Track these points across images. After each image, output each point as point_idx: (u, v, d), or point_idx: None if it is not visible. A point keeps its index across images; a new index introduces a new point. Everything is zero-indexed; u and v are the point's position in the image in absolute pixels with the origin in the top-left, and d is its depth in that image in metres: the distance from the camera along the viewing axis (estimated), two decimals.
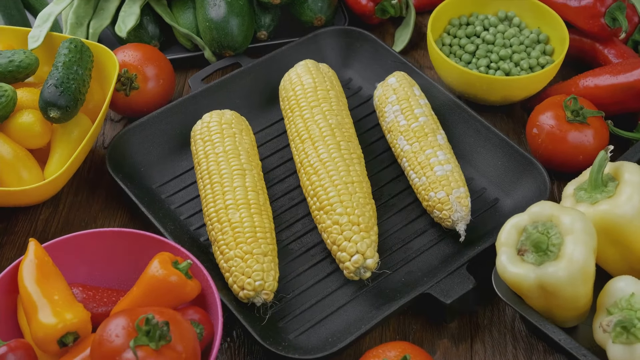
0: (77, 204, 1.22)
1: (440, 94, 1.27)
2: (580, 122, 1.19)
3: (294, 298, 1.10)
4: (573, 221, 0.96)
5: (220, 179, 1.13)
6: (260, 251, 1.06)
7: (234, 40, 1.34)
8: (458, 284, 1.05)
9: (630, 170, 1.02)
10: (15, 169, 1.13)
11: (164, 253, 1.00)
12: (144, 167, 1.24)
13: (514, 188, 1.19)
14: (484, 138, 1.22)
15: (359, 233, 1.08)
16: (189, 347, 0.90)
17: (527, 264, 0.97)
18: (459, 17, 1.37)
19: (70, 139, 1.17)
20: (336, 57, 1.37)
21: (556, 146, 1.19)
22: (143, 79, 1.28)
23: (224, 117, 1.20)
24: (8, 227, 1.20)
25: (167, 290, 0.98)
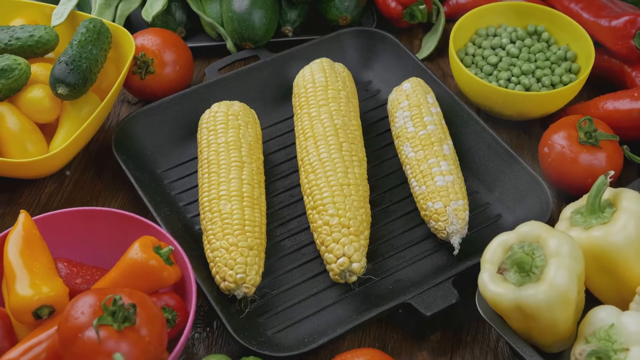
0: (82, 181, 1.25)
1: (455, 103, 1.26)
2: (592, 145, 1.16)
3: (279, 295, 1.10)
4: (559, 245, 0.94)
5: (217, 169, 1.14)
6: (246, 244, 1.07)
7: (254, 32, 1.34)
8: (441, 297, 1.04)
9: (629, 198, 0.99)
10: (21, 141, 1.16)
11: (147, 237, 1.02)
12: (151, 151, 1.25)
13: (518, 206, 1.17)
14: (494, 152, 1.21)
15: (348, 236, 1.07)
16: (155, 332, 0.91)
17: (509, 283, 0.95)
18: (487, 28, 1.35)
19: (79, 117, 1.19)
20: (357, 58, 1.37)
21: (565, 167, 1.16)
22: (160, 64, 1.29)
23: (231, 108, 1.21)
24: (12, 198, 1.23)
25: (144, 273, 0.99)
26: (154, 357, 0.91)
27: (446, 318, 1.05)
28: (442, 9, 1.46)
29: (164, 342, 0.93)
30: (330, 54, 1.34)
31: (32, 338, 0.95)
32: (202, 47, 1.42)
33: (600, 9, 1.31)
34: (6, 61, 1.16)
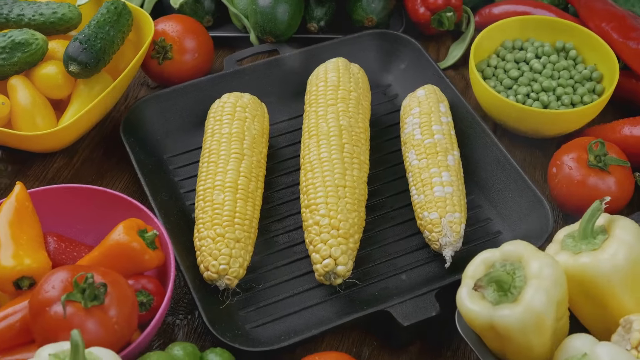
0: (90, 159, 1.28)
1: (469, 115, 1.24)
2: (600, 169, 1.13)
3: (264, 290, 1.10)
4: (541, 267, 0.92)
5: (217, 158, 1.15)
6: (234, 236, 1.07)
7: (276, 27, 1.35)
8: (421, 308, 1.03)
9: (623, 226, 0.97)
10: (31, 115, 1.19)
11: (134, 219, 1.03)
12: (160, 136, 1.27)
13: (519, 224, 1.15)
14: (502, 168, 1.19)
15: (337, 238, 1.07)
16: (123, 313, 0.92)
17: (486, 301, 0.93)
18: (514, 41, 1.33)
19: (90, 95, 1.22)
20: (379, 61, 1.36)
21: (571, 189, 1.14)
22: (178, 51, 1.31)
23: (240, 100, 1.22)
24: (22, 169, 1.26)
25: (125, 255, 1.01)
26: (121, 337, 0.92)
27: (426, 330, 1.04)
28: (473, 18, 1.44)
29: (133, 324, 0.94)
30: (351, 55, 1.34)
31: (9, 307, 0.97)
32: (227, 37, 1.44)
33: (630, 30, 1.28)
34: (24, 35, 1.19)
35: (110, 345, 0.90)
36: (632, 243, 0.95)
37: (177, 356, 0.92)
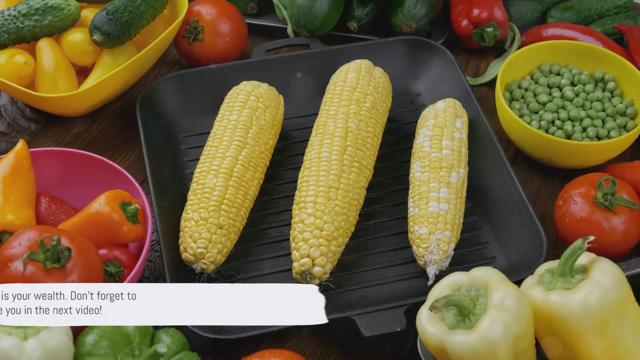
0: (108, 128, 1.31)
1: (487, 134, 1.22)
2: (606, 208, 1.09)
3: (242, 280, 1.11)
4: (504, 298, 0.90)
5: (219, 144, 1.17)
6: (217, 222, 1.09)
7: (310, 22, 1.36)
8: (387, 321, 1.02)
9: (603, 269, 0.93)
10: (54, 78, 1.24)
11: (119, 191, 1.06)
12: (178, 114, 1.30)
13: (514, 252, 1.13)
14: (508, 193, 1.16)
15: (318, 238, 1.07)
16: (84, 279, 0.95)
17: (443, 324, 0.92)
18: (552, 65, 1.30)
19: (114, 65, 1.25)
20: (410, 68, 1.35)
21: (573, 225, 1.11)
22: (210, 33, 1.34)
23: (256, 89, 1.23)
24: (42, 131, 1.31)
25: (103, 224, 1.04)
26: None
27: (391, 346, 1.03)
28: (518, 36, 1.41)
29: None
30: (383, 59, 1.33)
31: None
32: (266, 26, 1.45)
33: None
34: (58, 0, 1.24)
35: None
36: (608, 287, 0.92)
37: (128, 330, 0.93)
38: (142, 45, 1.29)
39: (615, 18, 1.43)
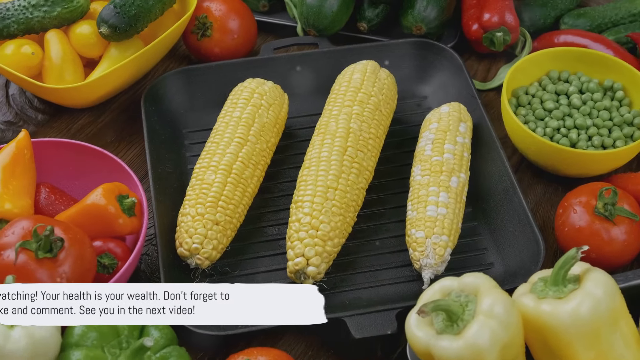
0: (114, 121, 1.32)
1: (490, 140, 1.21)
2: (606, 218, 1.08)
3: (238, 277, 1.12)
4: (493, 305, 0.90)
5: (220, 140, 1.17)
6: (213, 218, 1.09)
7: (319, 21, 1.36)
8: (378, 324, 1.02)
9: (596, 279, 0.93)
10: (60, 69, 1.25)
11: (117, 184, 1.07)
12: (184, 110, 1.31)
13: (512, 259, 1.12)
14: (509, 200, 1.15)
15: (314, 238, 1.07)
16: (75, 270, 0.96)
17: (431, 328, 0.92)
18: (561, 72, 1.29)
19: (120, 58, 1.26)
20: (418, 71, 1.35)
21: (572, 234, 1.10)
22: (218, 29, 1.34)
23: (260, 87, 1.23)
24: (49, 121, 1.32)
25: (99, 216, 1.04)
26: None
27: (381, 349, 1.03)
28: (530, 42, 1.40)
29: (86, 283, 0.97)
30: (391, 61, 1.33)
31: None
32: (275, 24, 1.46)
33: None
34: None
35: None
36: (600, 298, 0.91)
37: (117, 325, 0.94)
38: (150, 39, 1.30)
39: (629, 27, 1.42)
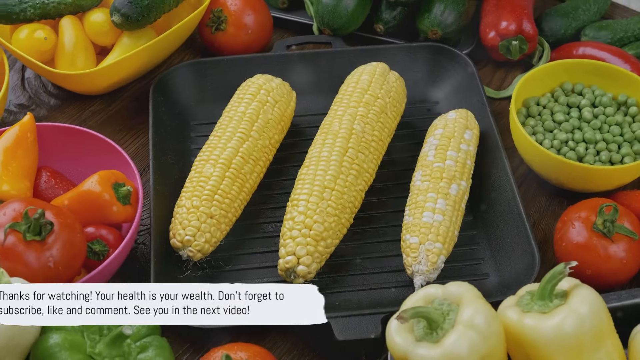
0: (125, 110, 1.34)
1: (496, 149, 1.21)
2: (604, 235, 1.07)
3: (230, 272, 1.12)
4: (474, 315, 0.89)
5: (222, 134, 1.18)
6: (208, 212, 1.10)
7: (334, 20, 1.36)
8: (363, 327, 1.01)
9: (583, 296, 0.91)
10: (73, 55, 1.27)
11: (114, 172, 1.08)
12: (193, 102, 1.32)
13: (507, 271, 1.11)
14: (509, 211, 1.14)
15: (306, 237, 1.07)
16: (63, 255, 0.97)
17: (411, 335, 0.91)
18: (575, 84, 1.27)
19: (132, 47, 1.27)
20: (431, 75, 1.34)
21: (569, 249, 1.08)
22: (233, 24, 1.35)
23: (267, 83, 1.24)
24: (61, 106, 1.34)
25: (93, 203, 1.06)
26: (55, 277, 0.96)
27: (367, 353, 1.03)
28: (548, 52, 1.38)
29: (73, 269, 0.99)
30: (404, 64, 1.33)
31: None
32: (292, 21, 1.46)
33: None
34: None
35: (41, 281, 0.95)
36: (585, 315, 0.90)
37: None
38: (164, 30, 1.31)
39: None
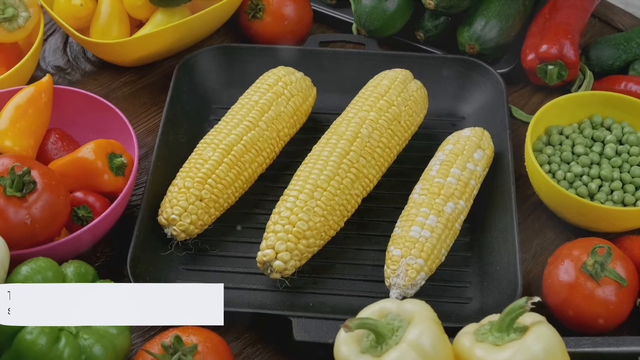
0: (153, 85, 1.37)
1: (506, 173, 1.18)
2: (590, 276, 1.03)
3: (214, 257, 1.14)
4: (420, 335, 0.88)
5: (230, 120, 1.20)
6: (198, 194, 1.12)
7: (371, 22, 1.36)
8: (323, 331, 1.01)
9: (539, 333, 0.89)
10: (107, 25, 1.31)
11: (112, 142, 1.12)
12: (219, 85, 1.34)
13: (490, 298, 1.09)
14: (504, 239, 1.12)
15: (288, 234, 1.08)
16: (44, 216, 1.01)
17: (357, 346, 0.91)
18: (605, 118, 1.23)
19: (164, 23, 1.30)
20: (460, 90, 1.33)
21: (554, 286, 1.06)
22: (270, 13, 1.37)
23: (287, 76, 1.25)
24: (95, 73, 1.39)
25: (84, 170, 1.10)
26: (31, 235, 1.01)
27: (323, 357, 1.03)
28: (589, 82, 1.34)
29: (51, 230, 1.02)
30: (434, 76, 1.32)
31: None
32: (336, 18, 1.46)
33: None
34: None
35: (16, 236, 0.99)
36: (537, 355, 0.87)
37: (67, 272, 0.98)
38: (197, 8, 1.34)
39: None
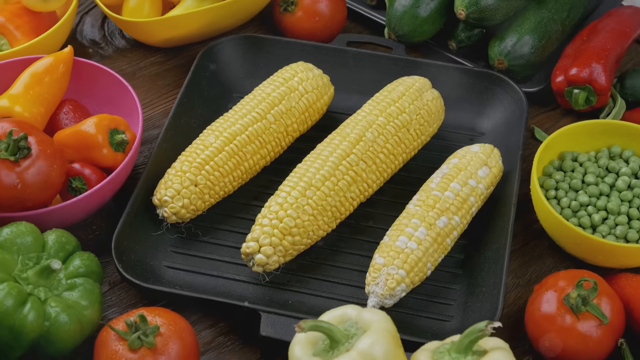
0: (179, 68, 1.40)
1: (509, 194, 1.16)
2: (571, 310, 1.01)
3: (204, 243, 1.16)
4: (372, 346, 0.88)
5: (240, 109, 1.21)
6: (193, 179, 1.14)
7: (400, 27, 1.35)
8: (290, 330, 1.02)
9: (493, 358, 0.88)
10: (139, 4, 1.35)
11: (115, 118, 1.14)
12: (242, 74, 1.35)
13: (471, 319, 1.07)
14: (494, 262, 1.10)
15: (274, 228, 1.09)
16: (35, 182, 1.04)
17: (311, 348, 0.91)
18: (624, 149, 1.20)
19: (195, 7, 1.33)
20: (483, 105, 1.31)
21: (535, 317, 1.03)
22: (302, 8, 1.38)
23: (304, 72, 1.25)
24: (125, 51, 1.43)
25: (85, 143, 1.13)
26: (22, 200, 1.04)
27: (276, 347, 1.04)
28: (619, 110, 1.30)
29: (41, 197, 1.06)
30: (458, 88, 1.31)
31: None
32: (370, 20, 1.46)
33: None
34: None
35: (5, 198, 1.03)
36: None
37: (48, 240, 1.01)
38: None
39: None
